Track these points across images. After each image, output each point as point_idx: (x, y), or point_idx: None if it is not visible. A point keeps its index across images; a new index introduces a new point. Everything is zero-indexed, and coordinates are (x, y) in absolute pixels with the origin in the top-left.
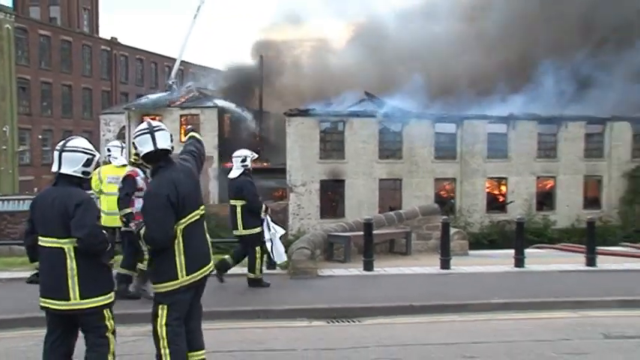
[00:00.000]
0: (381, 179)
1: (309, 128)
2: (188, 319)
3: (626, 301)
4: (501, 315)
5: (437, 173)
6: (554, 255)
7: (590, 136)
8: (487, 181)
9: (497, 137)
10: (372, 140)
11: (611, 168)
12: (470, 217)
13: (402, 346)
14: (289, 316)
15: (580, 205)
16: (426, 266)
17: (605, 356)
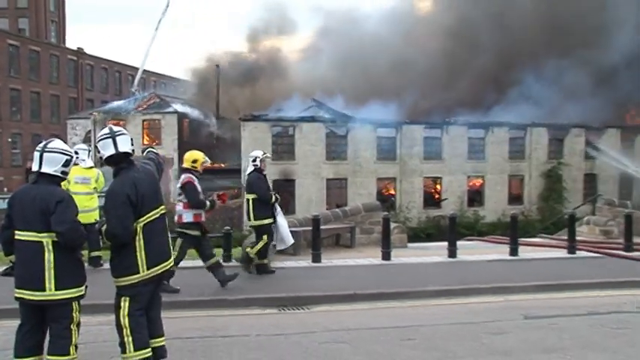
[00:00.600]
0: (328, 179)
1: (262, 132)
2: (149, 308)
3: (543, 286)
4: (437, 301)
5: (379, 173)
6: (482, 246)
7: (514, 139)
8: (424, 180)
9: (433, 141)
10: (319, 143)
11: (531, 168)
12: (409, 213)
13: (347, 331)
14: (244, 304)
15: (505, 202)
16: (368, 258)
17: (524, 334)
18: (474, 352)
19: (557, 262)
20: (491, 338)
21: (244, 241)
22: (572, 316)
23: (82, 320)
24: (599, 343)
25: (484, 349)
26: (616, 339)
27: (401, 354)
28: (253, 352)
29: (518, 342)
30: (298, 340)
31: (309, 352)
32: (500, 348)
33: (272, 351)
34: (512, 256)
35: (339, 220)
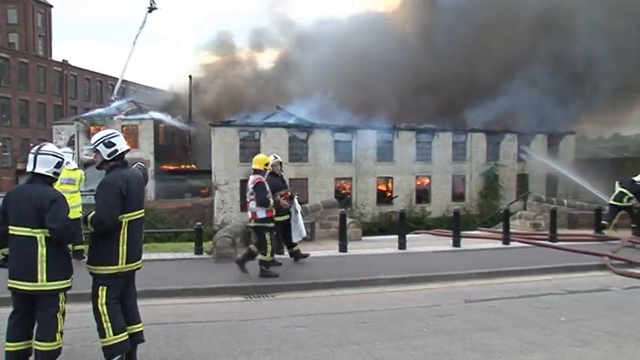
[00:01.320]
0: (290, 179)
1: (230, 136)
2: (125, 298)
3: (482, 273)
4: (388, 288)
5: (336, 174)
6: (429, 239)
7: (456, 144)
8: (377, 180)
9: (385, 144)
10: (283, 146)
11: (472, 169)
12: (363, 209)
13: (307, 316)
14: (214, 293)
15: (449, 199)
16: (327, 250)
17: (466, 316)
18: (421, 333)
19: (494, 252)
20: (437, 320)
21: (214, 236)
22: (507, 299)
23: (66, 308)
24: (529, 321)
25: (430, 330)
26: (543, 317)
27: (355, 335)
28: (222, 336)
29: (460, 323)
30: (263, 325)
31: (273, 335)
32: (444, 329)
33: (239, 335)
34: (455, 247)
35: None
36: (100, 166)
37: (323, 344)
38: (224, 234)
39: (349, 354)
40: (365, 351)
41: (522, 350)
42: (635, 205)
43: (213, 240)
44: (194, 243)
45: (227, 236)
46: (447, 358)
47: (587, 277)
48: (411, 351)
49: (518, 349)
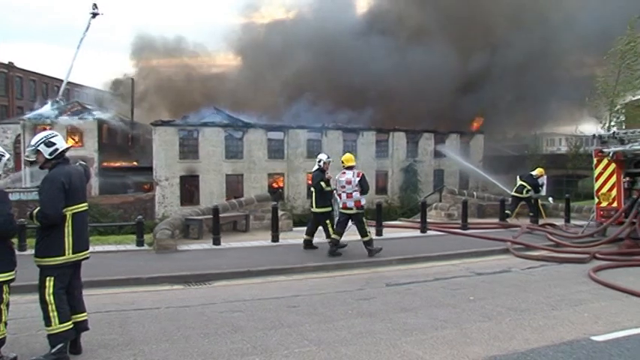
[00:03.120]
0: (227, 174)
1: (170, 135)
2: (72, 288)
3: (402, 259)
4: (317, 274)
5: (269, 169)
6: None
7: (379, 142)
8: (307, 175)
9: (314, 142)
10: (219, 144)
11: (393, 165)
12: (295, 202)
13: (242, 302)
14: (155, 282)
15: (373, 192)
16: (260, 240)
17: (386, 298)
18: (346, 315)
19: (413, 240)
20: (360, 303)
21: (155, 228)
22: (424, 282)
23: (11, 299)
24: (442, 301)
25: (354, 312)
26: (455, 297)
27: (287, 319)
28: (162, 322)
29: (381, 305)
30: (201, 311)
31: (210, 320)
32: (367, 311)
33: (178, 320)
34: (378, 235)
35: (235, 209)
36: (42, 166)
37: (257, 327)
38: (164, 226)
39: (281, 336)
40: (296, 333)
41: (436, 327)
42: (533, 196)
43: (154, 232)
44: (136, 236)
45: (167, 228)
46: (370, 337)
47: (492, 261)
48: (337, 332)
49: (433, 327)
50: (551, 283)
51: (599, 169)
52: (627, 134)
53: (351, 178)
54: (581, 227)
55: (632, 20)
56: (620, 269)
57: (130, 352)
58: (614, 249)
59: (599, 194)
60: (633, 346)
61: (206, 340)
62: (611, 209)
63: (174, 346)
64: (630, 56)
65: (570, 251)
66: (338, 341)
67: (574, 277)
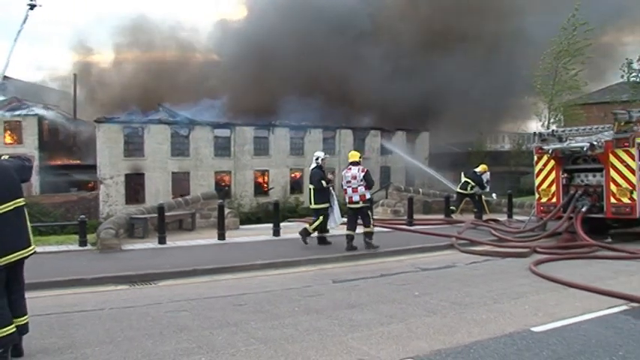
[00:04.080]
0: (173, 172)
1: (115, 132)
2: (10, 292)
3: (348, 256)
4: (264, 272)
5: (216, 167)
6: (301, 226)
7: (326, 139)
8: (254, 173)
9: (261, 140)
10: (165, 142)
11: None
12: (242, 200)
13: (188, 301)
14: (99, 282)
15: None
16: (207, 238)
17: (333, 295)
18: (293, 312)
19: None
20: (307, 300)
21: (98, 228)
22: (370, 278)
23: None
24: (388, 297)
25: (301, 309)
26: (401, 292)
27: (233, 317)
28: (106, 324)
29: (328, 301)
30: (146, 311)
31: (156, 320)
32: (314, 307)
33: (123, 321)
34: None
35: (181, 207)
36: None
37: (203, 327)
38: (108, 226)
39: (228, 334)
40: (242, 331)
41: (382, 323)
42: (477, 192)
43: (97, 232)
44: (78, 235)
45: (111, 228)
46: (317, 333)
47: (437, 256)
48: (284, 329)
49: (379, 322)
50: (494, 277)
51: (540, 166)
52: (565, 132)
53: (356, 173)
54: (523, 222)
55: (566, 22)
56: (559, 262)
57: (71, 355)
58: (554, 243)
59: (539, 190)
60: (570, 335)
61: (151, 340)
62: (550, 204)
63: (118, 348)
64: (564, 57)
65: (512, 246)
66: (284, 339)
67: (516, 270)
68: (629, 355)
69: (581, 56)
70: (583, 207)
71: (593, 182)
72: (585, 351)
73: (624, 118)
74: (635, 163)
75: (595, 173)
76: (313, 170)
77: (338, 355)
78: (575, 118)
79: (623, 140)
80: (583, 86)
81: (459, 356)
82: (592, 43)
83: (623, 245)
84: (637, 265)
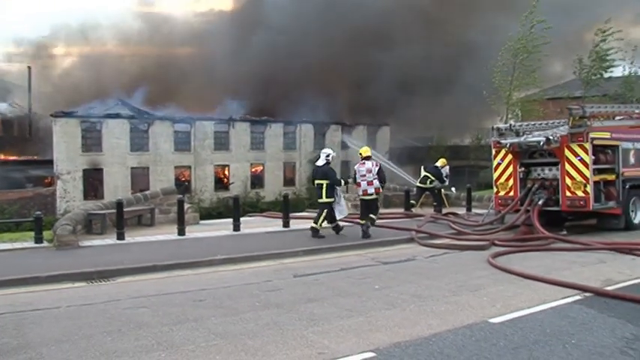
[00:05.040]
0: (132, 167)
1: (72, 127)
2: None
3: (308, 250)
4: (224, 267)
5: (176, 162)
6: (262, 221)
7: (287, 133)
8: (214, 168)
9: (222, 134)
10: (124, 136)
11: (301, 157)
12: (202, 195)
13: (147, 297)
14: (55, 280)
15: (281, 184)
16: (166, 234)
17: (293, 289)
18: (253, 307)
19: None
20: (268, 295)
21: (55, 224)
22: (330, 272)
23: None
24: (348, 291)
25: (261, 304)
26: (361, 286)
27: (193, 313)
28: (63, 322)
29: (288, 296)
30: (104, 308)
31: (114, 317)
32: (274, 302)
33: (80, 319)
34: (285, 227)
35: (140, 203)
36: None
37: (163, 323)
38: (64, 222)
39: (188, 330)
40: (202, 327)
41: (342, 316)
42: (437, 186)
43: (54, 228)
44: (34, 232)
45: (67, 224)
46: (277, 328)
47: (398, 250)
48: (244, 324)
49: (339, 316)
50: (453, 269)
51: (498, 160)
52: (522, 127)
53: (370, 167)
54: (482, 216)
55: (523, 18)
56: (517, 254)
57: (26, 355)
58: (511, 235)
59: (497, 184)
60: (526, 325)
61: (109, 338)
62: (508, 198)
63: (75, 346)
64: (522, 54)
65: (471, 239)
66: (245, 333)
67: (474, 263)
68: (581, 342)
69: (538, 53)
70: (539, 200)
71: (549, 176)
72: (540, 340)
73: (579, 114)
74: (588, 157)
75: (551, 167)
76: (326, 168)
77: (298, 349)
78: (533, 113)
79: (578, 135)
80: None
81: (419, 348)
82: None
83: (578, 237)
84: (590, 257)
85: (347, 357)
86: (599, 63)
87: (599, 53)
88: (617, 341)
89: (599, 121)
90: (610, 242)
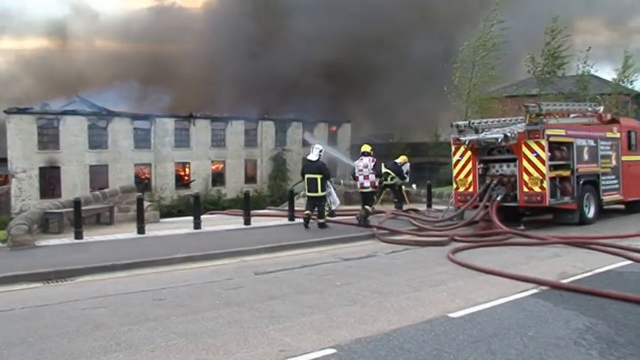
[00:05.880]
0: (91, 165)
1: (27, 124)
2: None
3: (269, 248)
4: (184, 266)
5: (136, 160)
6: (223, 218)
7: (248, 131)
8: (175, 165)
9: (182, 131)
10: (82, 134)
11: (263, 154)
12: (163, 193)
13: (106, 297)
14: (9, 281)
15: (242, 181)
16: (126, 233)
17: (255, 287)
18: (214, 305)
19: (281, 228)
20: (229, 293)
21: (9, 224)
22: (291, 270)
23: None
24: (309, 288)
25: (222, 302)
26: (323, 283)
27: (153, 312)
28: (17, 324)
29: (249, 294)
30: (61, 309)
31: (71, 318)
32: (235, 300)
33: (35, 321)
34: (246, 225)
35: (99, 201)
36: None
37: (122, 323)
38: (20, 221)
39: (147, 330)
40: (162, 326)
41: (304, 313)
42: (397, 183)
43: (8, 228)
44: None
45: (23, 223)
46: (238, 326)
47: (359, 246)
48: (205, 322)
49: (300, 313)
50: (414, 265)
51: (457, 157)
52: (481, 124)
53: (367, 163)
54: (442, 212)
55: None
56: (476, 249)
57: None
58: (471, 231)
59: (456, 180)
60: (484, 319)
61: (66, 339)
62: (467, 194)
63: (30, 349)
64: (481, 52)
65: (432, 235)
66: (205, 332)
67: (435, 259)
68: (538, 334)
69: (497, 51)
70: (498, 196)
71: (507, 172)
72: (498, 333)
73: (535, 111)
74: (545, 153)
75: (509, 163)
76: (319, 162)
77: (259, 347)
78: (492, 110)
79: (535, 132)
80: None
81: (379, 344)
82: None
83: (535, 232)
84: (547, 251)
85: (308, 354)
86: (551, 61)
87: (551, 51)
88: (571, 332)
89: (555, 119)
90: (565, 237)
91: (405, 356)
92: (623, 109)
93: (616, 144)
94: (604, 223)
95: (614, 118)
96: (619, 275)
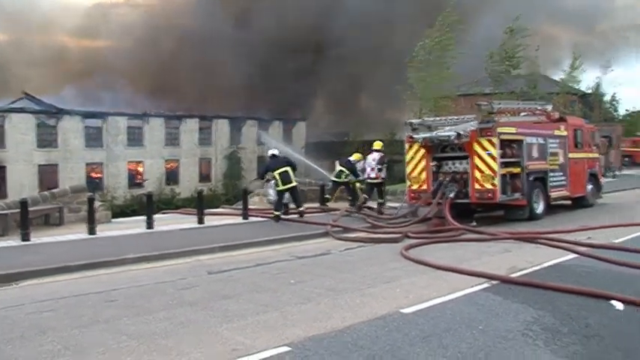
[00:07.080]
0: (40, 165)
1: None
2: None
3: (224, 247)
4: (137, 266)
5: (87, 159)
6: (177, 218)
7: (202, 129)
8: (128, 164)
9: (135, 130)
10: (30, 132)
11: (217, 152)
12: (115, 193)
13: (55, 300)
14: None
15: (197, 180)
16: (77, 233)
17: (208, 286)
18: (167, 305)
19: (235, 227)
20: (181, 292)
21: None
22: (245, 268)
23: None
24: (263, 286)
25: (175, 302)
26: (277, 281)
27: (104, 314)
28: None
29: (203, 293)
30: (5, 314)
31: (16, 323)
32: (188, 300)
33: None
34: (200, 224)
35: (47, 201)
36: None
37: (72, 326)
38: None
39: (98, 332)
40: (114, 328)
41: (258, 312)
42: (352, 180)
43: None
44: None
45: None
46: (191, 326)
47: (313, 244)
48: (157, 323)
49: (254, 312)
50: (368, 262)
51: (411, 154)
52: (434, 122)
53: (376, 157)
54: (396, 209)
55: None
56: (429, 246)
57: None
58: (424, 228)
59: (410, 177)
60: (437, 314)
61: (10, 345)
62: (421, 191)
63: None
64: (437, 51)
65: (385, 232)
66: (158, 333)
67: (388, 255)
68: (488, 328)
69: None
70: (450, 193)
71: (460, 169)
72: (450, 328)
73: (487, 109)
74: (496, 151)
75: (461, 161)
76: (282, 156)
77: (213, 347)
78: (445, 109)
79: (487, 130)
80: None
81: (333, 341)
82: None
83: (486, 228)
84: (498, 246)
85: (262, 352)
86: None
87: (508, 51)
88: (519, 325)
89: (506, 117)
90: (515, 232)
91: (359, 352)
92: (570, 108)
93: (563, 142)
94: (552, 218)
95: (561, 116)
96: (566, 268)
